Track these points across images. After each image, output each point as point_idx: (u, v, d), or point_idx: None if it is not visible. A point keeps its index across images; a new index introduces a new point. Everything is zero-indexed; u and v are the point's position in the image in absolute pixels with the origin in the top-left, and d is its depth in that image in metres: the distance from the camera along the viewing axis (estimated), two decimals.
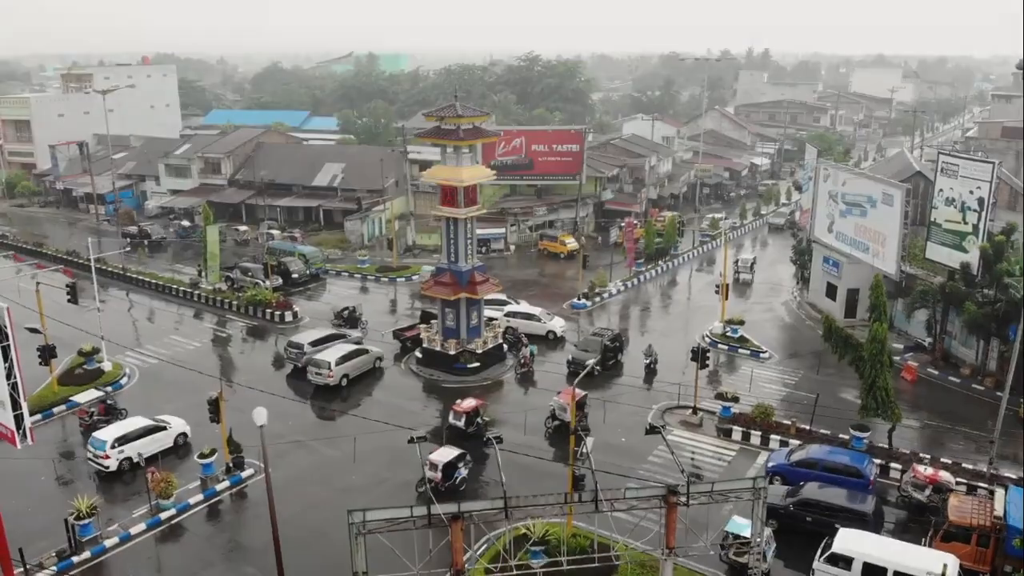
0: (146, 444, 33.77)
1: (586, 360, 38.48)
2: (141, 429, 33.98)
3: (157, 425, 34.68)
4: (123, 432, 33.40)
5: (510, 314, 48.07)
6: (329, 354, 40.78)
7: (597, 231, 75.28)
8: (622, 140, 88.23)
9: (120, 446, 32.87)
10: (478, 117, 39.29)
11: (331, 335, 44.43)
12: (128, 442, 33.19)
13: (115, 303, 55.48)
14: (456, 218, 40.01)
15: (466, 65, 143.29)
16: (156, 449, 34.01)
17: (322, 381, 40.20)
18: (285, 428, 36.02)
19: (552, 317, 48.88)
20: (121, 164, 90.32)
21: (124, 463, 32.98)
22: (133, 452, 33.27)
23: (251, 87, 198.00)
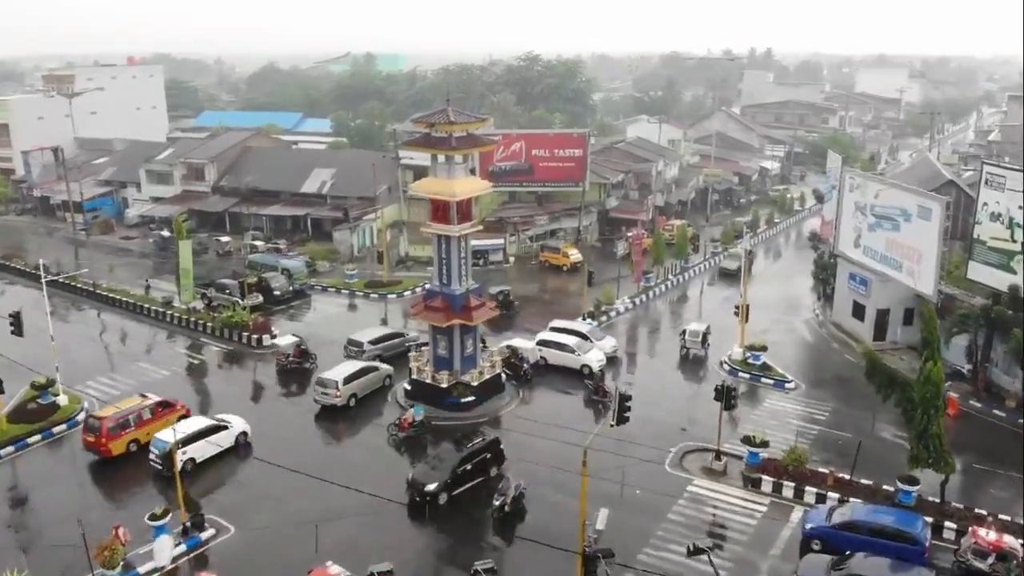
0: (207, 444, 33.13)
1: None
2: (203, 429, 33.21)
3: (219, 424, 33.97)
4: (187, 433, 32.22)
5: (543, 343, 43.02)
6: (336, 372, 38.16)
7: (602, 240, 71.13)
8: (627, 143, 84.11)
9: (184, 447, 31.55)
10: (473, 123, 35.10)
11: (391, 334, 43.66)
12: (191, 442, 32.29)
13: (82, 324, 51.30)
14: (449, 236, 35.82)
15: (464, 65, 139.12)
16: (218, 449, 33.43)
17: (328, 401, 37.62)
18: (253, 475, 31.99)
19: (591, 346, 42.75)
20: (101, 170, 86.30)
21: (187, 464, 31.85)
22: (197, 453, 32.54)
23: (246, 88, 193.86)
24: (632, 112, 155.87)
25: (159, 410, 35.47)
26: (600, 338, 44.68)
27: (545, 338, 43.47)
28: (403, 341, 44.43)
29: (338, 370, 38.76)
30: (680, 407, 38.61)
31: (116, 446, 33.48)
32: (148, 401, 35.66)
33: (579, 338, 43.34)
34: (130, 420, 34.24)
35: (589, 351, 42.27)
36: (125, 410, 34.58)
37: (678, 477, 32.07)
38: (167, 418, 34.62)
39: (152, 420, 34.84)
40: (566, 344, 42.47)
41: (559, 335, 43.59)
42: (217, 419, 34.64)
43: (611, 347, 44.22)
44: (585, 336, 43.89)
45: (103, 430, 33.23)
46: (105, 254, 70.00)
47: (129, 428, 34.12)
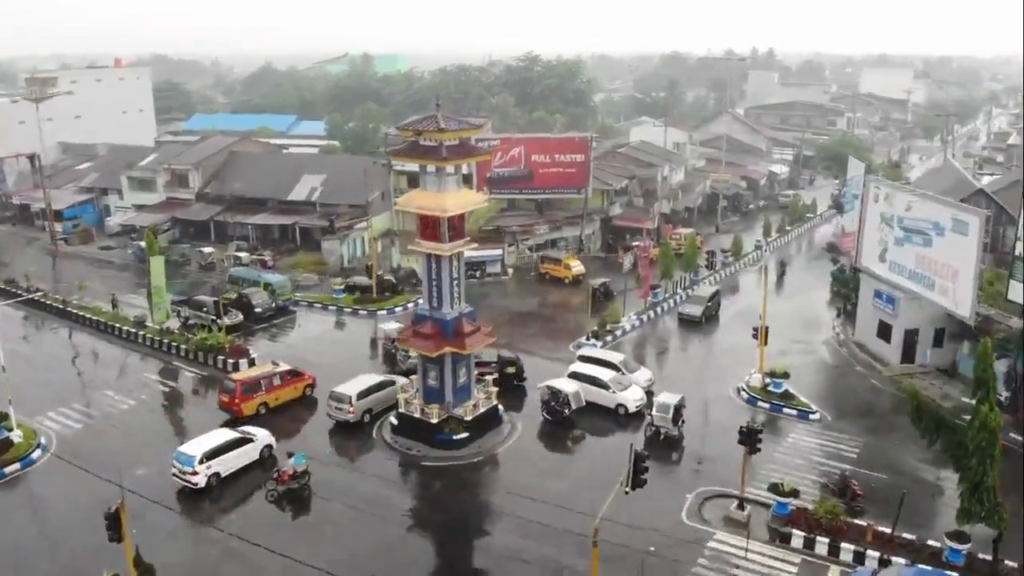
0: (233, 458, 32.02)
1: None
2: (229, 442, 32.12)
3: (244, 437, 32.88)
4: (212, 446, 31.35)
5: (575, 375, 38.30)
6: (350, 387, 36.34)
7: (605, 250, 67.55)
8: (630, 147, 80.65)
9: (208, 461, 30.80)
10: (466, 131, 31.56)
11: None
12: (216, 456, 31.24)
13: (48, 346, 47.83)
14: (439, 255, 32.28)
15: (463, 66, 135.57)
16: (243, 463, 32.29)
17: (342, 417, 35.95)
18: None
19: (627, 383, 37.96)
20: (83, 176, 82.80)
21: (212, 479, 30.92)
22: (222, 467, 31.42)
23: (242, 89, 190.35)
24: (633, 113, 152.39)
25: (288, 377, 38.55)
26: (634, 369, 40.30)
27: (577, 370, 38.74)
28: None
29: (352, 384, 36.68)
30: (692, 440, 35.01)
31: (248, 407, 36.65)
32: (279, 368, 38.62)
33: (612, 370, 38.92)
34: (261, 384, 37.35)
35: (626, 388, 37.72)
36: (257, 375, 37.82)
37: (697, 530, 28.49)
38: (296, 385, 38.56)
39: (282, 386, 38.20)
40: (600, 379, 37.73)
41: (591, 367, 39.00)
42: (241, 431, 33.39)
43: (646, 380, 39.58)
44: (617, 367, 39.46)
45: (237, 392, 36.48)
46: (85, 265, 66.53)
47: (260, 392, 37.22)
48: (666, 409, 34.27)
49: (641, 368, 41.11)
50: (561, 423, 35.90)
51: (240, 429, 33.67)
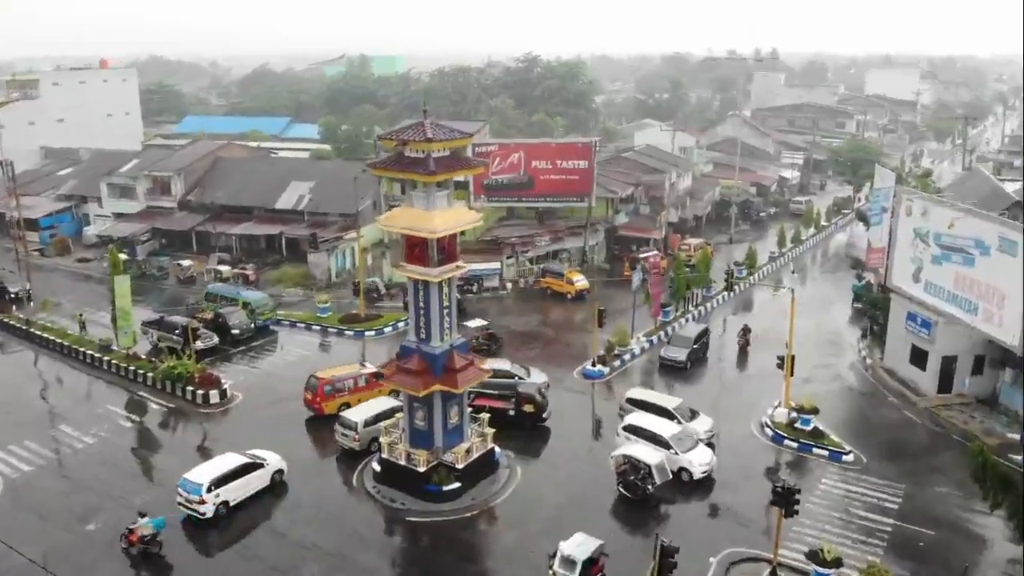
0: (243, 485, 29.85)
1: None
2: (237, 468, 29.93)
3: (253, 463, 30.70)
4: (220, 472, 29.25)
5: (631, 428, 32.73)
6: (358, 412, 34.08)
7: (610, 261, 63.65)
8: (635, 152, 76.73)
9: (216, 489, 28.81)
10: (456, 141, 27.70)
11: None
12: (225, 483, 29.15)
13: (4, 372, 43.89)
14: (427, 281, 28.41)
15: (461, 67, 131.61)
16: (254, 489, 30.28)
17: (348, 444, 33.61)
18: None
19: (692, 442, 32.03)
20: (63, 182, 78.95)
21: (220, 508, 28.88)
22: (230, 495, 29.26)
23: (237, 91, 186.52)
24: (636, 115, 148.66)
25: (374, 380, 37.54)
26: (690, 417, 34.44)
27: (634, 424, 32.87)
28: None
29: (361, 409, 34.49)
30: (714, 485, 31.15)
31: (328, 406, 36.51)
32: (365, 370, 38.49)
33: (666, 419, 33.59)
34: (345, 385, 37.38)
35: (691, 449, 31.49)
36: (342, 374, 37.80)
37: None
38: (382, 388, 36.89)
39: (366, 388, 37.56)
40: (660, 436, 31.75)
41: (648, 418, 33.24)
42: (251, 456, 31.16)
43: (706, 431, 33.80)
44: (673, 415, 33.97)
45: (318, 390, 36.69)
46: (59, 279, 62.70)
47: (343, 392, 37.18)
48: (571, 567, 23.71)
49: (700, 416, 34.98)
50: (643, 501, 29.46)
51: (250, 453, 31.33)
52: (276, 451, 32.17)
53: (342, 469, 32.93)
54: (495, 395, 35.85)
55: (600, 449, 34.03)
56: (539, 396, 35.73)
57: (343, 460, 33.55)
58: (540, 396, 35.87)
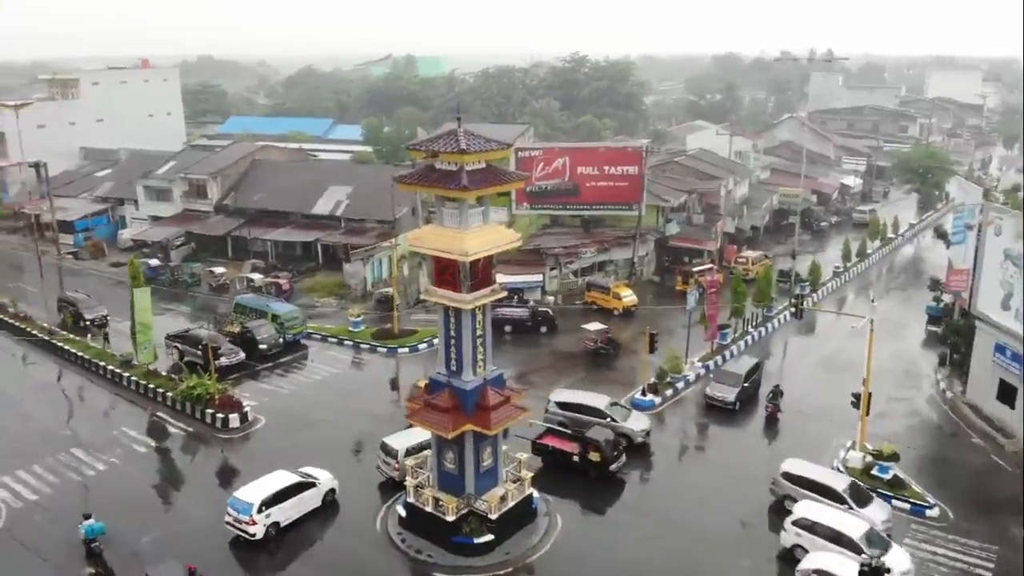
0: (294, 505, 28.50)
1: None
2: (289, 487, 28.53)
3: (305, 482, 29.34)
4: (270, 492, 27.92)
5: (803, 525, 26.50)
6: (400, 439, 31.34)
7: (660, 274, 59.91)
8: (688, 157, 72.82)
9: (267, 509, 27.51)
10: (493, 152, 24.57)
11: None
12: (276, 503, 27.84)
13: (21, 389, 41.70)
14: (459, 308, 25.32)
15: (505, 67, 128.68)
16: (305, 509, 28.90)
17: (388, 472, 31.25)
18: None
19: (886, 540, 25.98)
20: (100, 184, 77.90)
21: (271, 529, 27.55)
22: (281, 516, 27.97)
23: (283, 91, 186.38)
24: (686, 117, 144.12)
25: None
26: (863, 501, 28.56)
27: (809, 517, 26.55)
28: None
29: (404, 436, 31.53)
30: None
31: None
32: None
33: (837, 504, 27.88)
34: None
35: (886, 551, 24.82)
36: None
37: None
38: None
39: None
40: (846, 535, 25.45)
41: (828, 513, 26.76)
42: (303, 474, 29.83)
43: (883, 522, 27.68)
44: (842, 497, 28.23)
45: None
46: (93, 284, 61.03)
47: None
48: None
49: (873, 499, 29.10)
50: None
51: (302, 471, 30.02)
52: None
53: (367, 509, 29.92)
54: (564, 434, 32.43)
55: (658, 501, 30.60)
56: (610, 444, 31.44)
57: (384, 490, 30.82)
58: (612, 445, 31.52)
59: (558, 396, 36.16)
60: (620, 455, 31.85)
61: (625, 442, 33.18)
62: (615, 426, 33.64)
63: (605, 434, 32.12)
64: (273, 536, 27.70)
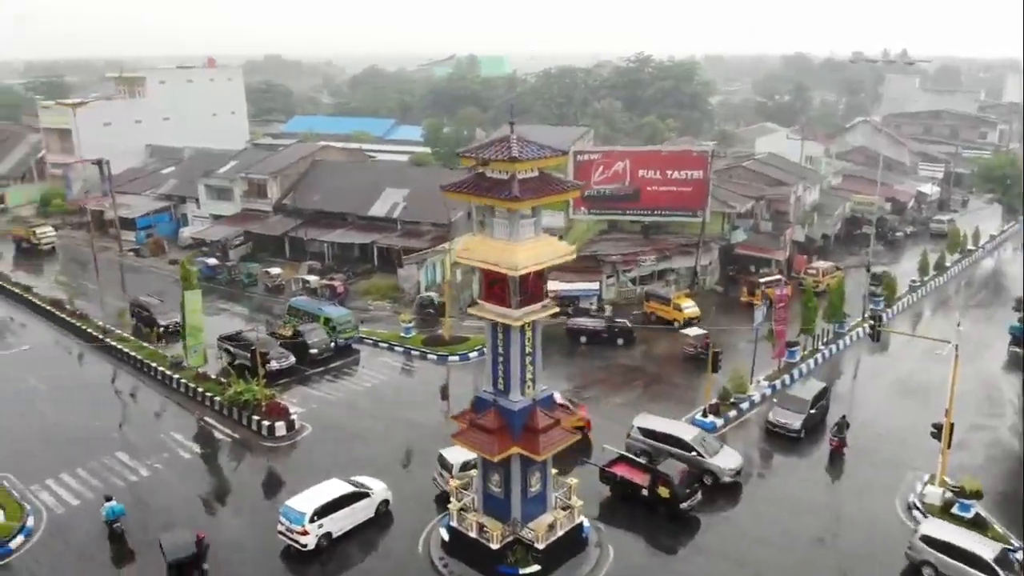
0: (347, 515, 27.89)
1: None
2: (343, 497, 27.99)
3: (359, 492, 28.74)
4: (323, 501, 27.35)
5: (930, 541, 25.59)
6: (458, 453, 29.68)
7: (724, 284, 57.48)
8: (756, 161, 70.09)
9: (320, 519, 26.96)
10: (547, 159, 23.05)
11: None
12: (328, 513, 27.25)
13: (73, 388, 41.63)
14: (507, 324, 23.87)
15: (566, 67, 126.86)
16: (359, 520, 28.25)
17: (443, 487, 29.95)
18: None
19: None
20: (163, 181, 78.90)
21: (322, 540, 26.98)
22: (334, 526, 27.37)
23: (348, 91, 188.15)
24: (753, 118, 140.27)
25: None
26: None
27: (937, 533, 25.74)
28: None
29: (462, 450, 28.83)
30: None
31: None
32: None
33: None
34: None
35: None
36: None
37: None
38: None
39: None
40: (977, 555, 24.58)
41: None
42: (357, 484, 29.13)
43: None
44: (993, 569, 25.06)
45: None
46: (152, 282, 61.44)
47: None
48: None
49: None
50: None
51: (355, 481, 29.26)
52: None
53: (417, 525, 28.68)
54: (636, 464, 30.23)
55: (721, 542, 28.62)
56: (684, 480, 28.99)
57: (440, 503, 29.66)
58: (686, 481, 29.06)
59: (641, 421, 33.46)
60: (694, 493, 29.05)
61: (710, 480, 30.58)
62: (700, 461, 30.85)
63: (679, 468, 29.55)
64: (325, 547, 26.97)
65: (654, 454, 31.46)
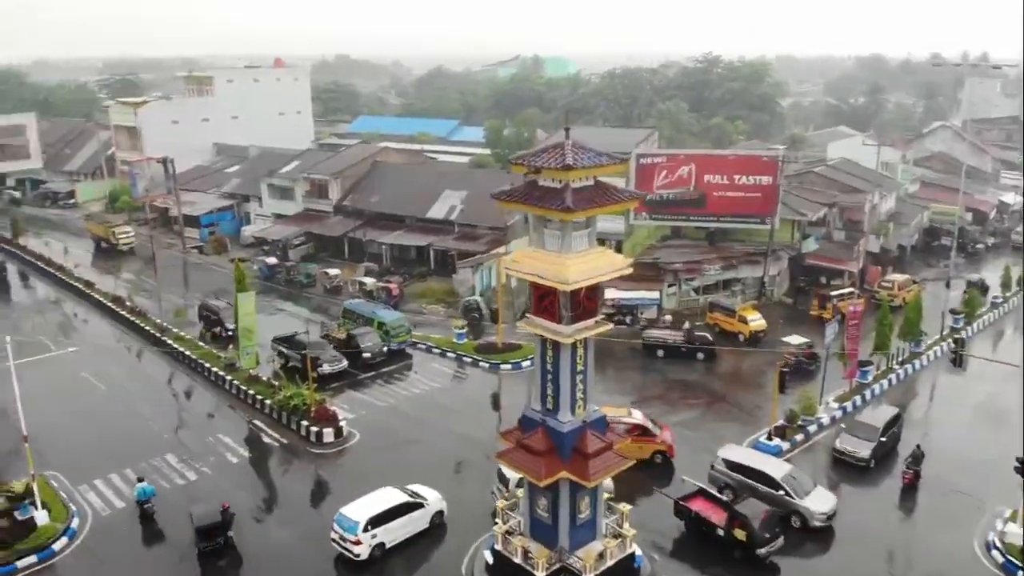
0: (401, 526, 27.42)
1: None
2: (398, 507, 27.56)
3: (413, 502, 28.22)
4: (378, 510, 26.94)
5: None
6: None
7: (793, 295, 54.88)
8: (829, 167, 67.14)
9: (374, 528, 26.53)
10: (604, 167, 21.66)
11: None
12: (382, 523, 26.83)
13: (127, 386, 41.95)
14: (557, 341, 22.56)
15: (631, 68, 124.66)
16: (411, 532, 27.69)
17: (497, 503, 28.37)
18: None
19: None
20: (228, 180, 79.85)
21: (375, 550, 26.54)
22: (388, 536, 26.92)
23: (414, 91, 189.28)
24: (825, 121, 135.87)
25: (637, 432, 31.87)
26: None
27: None
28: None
29: None
30: None
31: None
32: (627, 418, 32.65)
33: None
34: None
35: None
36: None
37: None
38: (643, 445, 31.68)
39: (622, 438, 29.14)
40: None
41: None
42: (413, 494, 28.63)
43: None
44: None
45: None
46: (213, 279, 61.96)
47: None
48: None
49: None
50: None
51: (410, 490, 28.76)
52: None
53: (464, 543, 27.60)
54: (715, 500, 27.99)
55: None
56: (765, 523, 26.49)
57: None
58: (767, 523, 26.54)
59: (727, 453, 31.03)
60: (775, 538, 26.31)
61: (799, 522, 28.12)
62: (788, 502, 28.35)
63: (761, 509, 27.06)
64: (378, 558, 26.47)
65: (739, 489, 29.14)
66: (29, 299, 58.31)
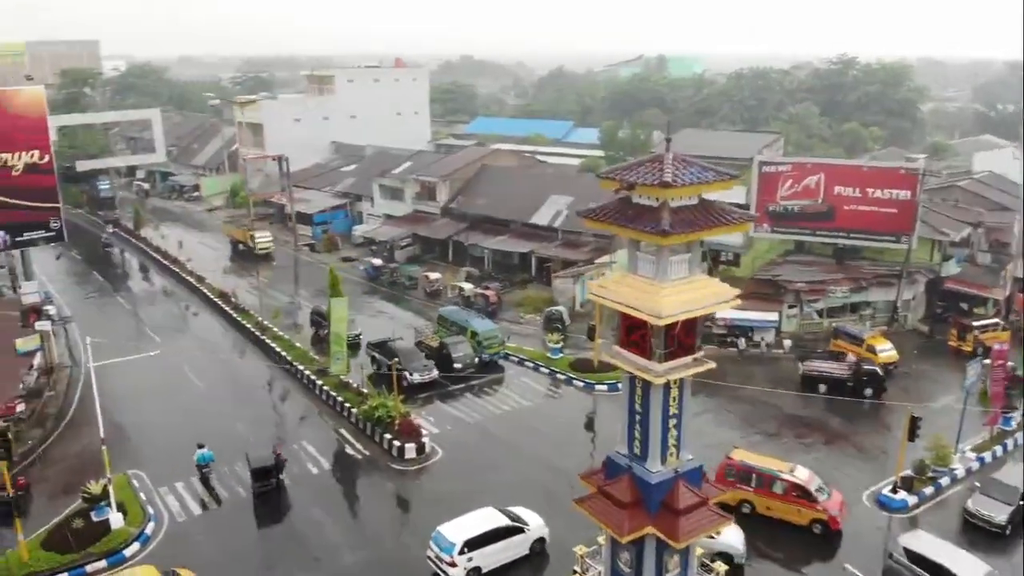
0: (499, 551, 26.42)
1: None
2: (497, 530, 26.57)
3: (513, 526, 27.06)
4: (476, 533, 26.08)
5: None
6: None
7: (930, 323, 49.53)
8: (974, 181, 60.86)
9: (470, 551, 25.74)
10: (711, 184, 18.82)
11: None
12: (480, 547, 25.95)
13: (217, 383, 42.14)
14: (647, 380, 19.90)
15: (760, 69, 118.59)
16: (510, 557, 26.63)
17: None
18: None
19: None
20: (343, 179, 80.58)
21: (471, 574, 25.78)
22: (484, 561, 26.06)
23: (534, 92, 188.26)
24: (972, 129, 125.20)
25: (794, 493, 28.29)
26: None
27: None
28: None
29: None
30: None
31: (725, 496, 25.58)
32: (787, 474, 28.73)
33: None
34: (752, 475, 29.03)
35: None
36: (754, 464, 29.33)
37: None
38: (801, 508, 28.08)
39: (780, 497, 28.56)
40: None
41: None
42: (514, 517, 27.44)
43: None
44: None
45: (720, 469, 29.34)
46: (323, 278, 62.16)
47: (747, 484, 29.03)
48: None
49: None
50: None
51: (512, 513, 27.58)
52: None
53: None
54: None
55: None
56: None
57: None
58: None
59: (911, 541, 26.07)
60: None
61: None
62: None
63: None
64: None
65: None
66: (145, 291, 60.21)
